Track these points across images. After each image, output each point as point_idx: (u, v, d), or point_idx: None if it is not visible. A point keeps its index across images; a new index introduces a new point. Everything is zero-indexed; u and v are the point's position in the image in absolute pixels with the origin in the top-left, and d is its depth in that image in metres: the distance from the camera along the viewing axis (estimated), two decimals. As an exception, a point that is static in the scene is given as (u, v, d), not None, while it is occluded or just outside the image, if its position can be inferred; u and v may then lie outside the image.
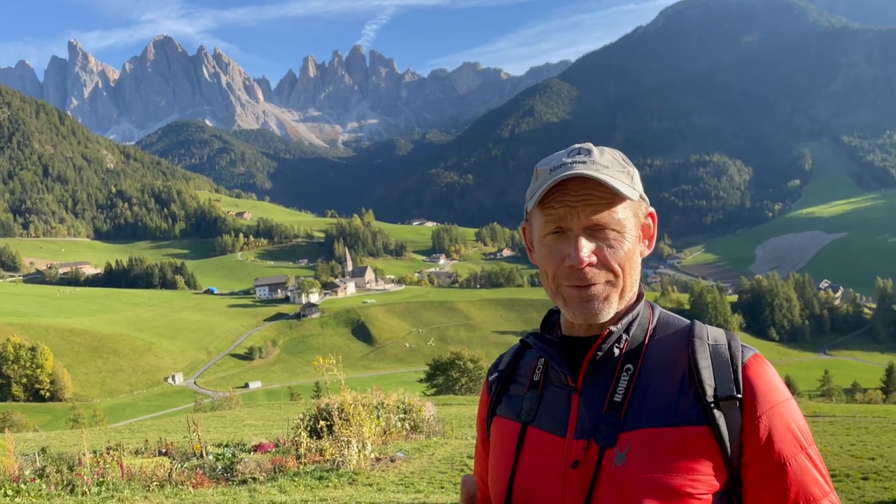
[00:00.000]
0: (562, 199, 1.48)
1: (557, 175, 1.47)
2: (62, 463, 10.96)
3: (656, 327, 1.59)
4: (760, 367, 1.49)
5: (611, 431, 1.46)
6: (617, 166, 1.53)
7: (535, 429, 1.59)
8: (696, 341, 1.52)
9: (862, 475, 9.62)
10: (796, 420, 1.45)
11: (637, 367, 1.52)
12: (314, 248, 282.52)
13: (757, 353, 1.52)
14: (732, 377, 1.46)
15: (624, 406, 1.48)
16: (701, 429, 1.42)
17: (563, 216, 1.49)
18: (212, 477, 10.51)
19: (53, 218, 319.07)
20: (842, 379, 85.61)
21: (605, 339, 1.52)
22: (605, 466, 1.44)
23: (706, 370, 1.47)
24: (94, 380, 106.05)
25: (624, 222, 1.50)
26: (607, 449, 1.45)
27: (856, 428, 16.29)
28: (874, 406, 34.67)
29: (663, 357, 1.53)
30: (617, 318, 1.55)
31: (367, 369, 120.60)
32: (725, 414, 1.43)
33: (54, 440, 21.86)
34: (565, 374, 1.57)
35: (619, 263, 1.50)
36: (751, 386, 1.45)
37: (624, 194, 1.46)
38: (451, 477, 10.01)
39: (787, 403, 1.46)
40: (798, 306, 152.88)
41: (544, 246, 1.54)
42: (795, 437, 1.44)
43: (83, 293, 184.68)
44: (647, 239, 1.61)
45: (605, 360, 1.54)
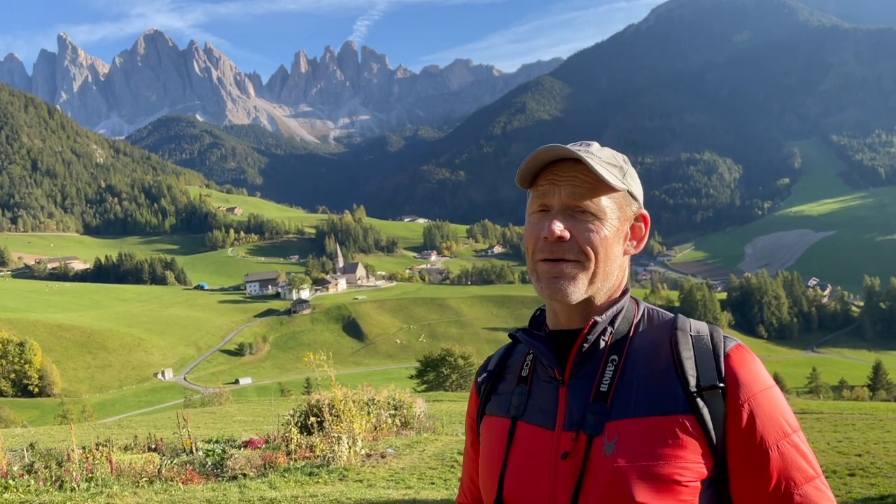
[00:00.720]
0: (549, 178, 1.53)
1: (547, 149, 1.52)
2: (51, 459, 10.90)
3: (641, 321, 1.62)
4: (742, 357, 1.50)
5: (598, 420, 1.48)
6: (612, 161, 1.57)
7: (524, 423, 1.60)
8: (679, 333, 1.55)
9: (849, 471, 9.69)
10: (779, 407, 1.47)
11: (622, 357, 1.54)
12: (305, 244, 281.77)
13: (739, 343, 1.54)
14: (715, 366, 1.48)
15: (610, 395, 1.50)
16: (686, 417, 1.44)
17: (547, 192, 1.54)
18: (201, 473, 10.48)
19: (42, 213, 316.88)
20: (829, 376, 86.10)
21: (591, 330, 1.54)
22: (594, 456, 1.46)
23: (689, 360, 1.49)
24: (82, 375, 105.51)
25: (605, 210, 1.52)
26: (595, 438, 1.47)
27: (843, 425, 16.42)
28: (861, 403, 34.92)
29: (648, 348, 1.55)
30: (601, 310, 1.58)
31: (357, 365, 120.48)
32: (709, 403, 1.45)
33: (43, 436, 21.74)
34: (552, 368, 1.59)
35: (591, 246, 1.51)
36: (733, 374, 1.47)
37: (609, 182, 1.49)
38: (441, 473, 10.02)
39: (769, 391, 1.48)
40: (787, 304, 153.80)
41: (530, 224, 1.58)
42: (778, 424, 1.45)
43: (72, 288, 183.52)
44: (636, 240, 1.63)
45: (590, 353, 1.56)
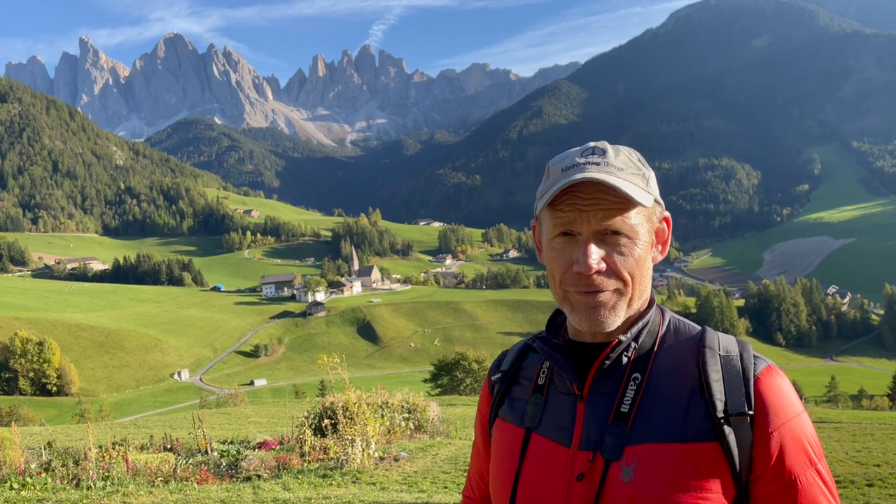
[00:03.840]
0: (572, 203, 1.42)
1: (569, 177, 1.41)
2: (68, 457, 11.00)
3: (666, 334, 1.55)
4: (773, 381, 1.44)
5: (616, 443, 1.42)
6: (632, 168, 1.47)
7: (539, 436, 1.55)
8: (707, 352, 1.47)
9: (867, 482, 9.57)
10: (807, 435, 1.42)
11: (645, 376, 1.48)
12: (321, 246, 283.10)
13: (770, 364, 1.47)
14: (744, 391, 1.41)
15: (631, 417, 1.44)
16: (710, 445, 1.38)
17: (573, 220, 1.43)
18: (216, 473, 10.54)
19: (62, 213, 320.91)
20: (848, 385, 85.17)
21: (614, 349, 1.48)
22: (611, 481, 1.40)
23: (717, 383, 1.42)
24: (100, 375, 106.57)
25: (636, 228, 1.45)
26: (613, 462, 1.41)
27: (862, 434, 16.20)
28: (880, 413, 34.42)
29: (673, 367, 1.48)
30: (626, 326, 1.51)
31: (371, 368, 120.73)
32: (736, 429, 1.39)
33: (60, 434, 21.95)
34: (571, 382, 1.52)
35: (628, 271, 1.44)
36: (763, 401, 1.41)
37: (637, 200, 1.40)
38: (454, 477, 10.00)
39: (798, 418, 1.42)
40: (805, 311, 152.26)
41: (553, 249, 1.49)
42: (806, 453, 1.40)
43: (91, 289, 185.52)
44: (661, 244, 1.56)
45: (612, 368, 1.50)
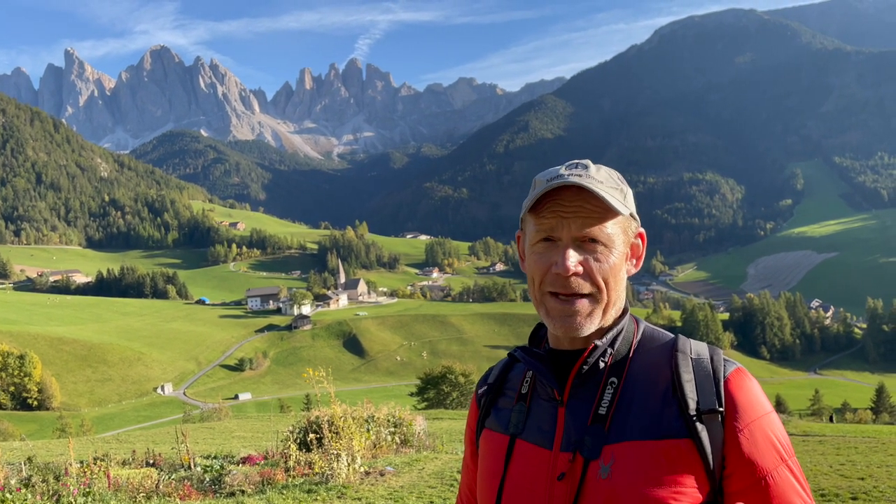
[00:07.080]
0: (554, 210, 1.53)
1: (553, 183, 1.52)
2: (48, 473, 10.85)
3: (641, 341, 1.63)
4: (742, 381, 1.52)
5: (595, 443, 1.49)
6: (612, 183, 1.57)
7: (522, 441, 1.62)
8: (680, 355, 1.56)
9: (851, 495, 9.62)
10: (776, 432, 1.49)
11: (621, 380, 1.56)
12: (307, 259, 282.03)
13: (739, 366, 1.55)
14: (715, 390, 1.50)
15: (608, 419, 1.51)
16: (684, 442, 1.46)
17: (554, 226, 1.53)
18: (199, 489, 10.43)
19: (45, 225, 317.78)
20: (832, 398, 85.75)
21: (591, 354, 1.56)
22: (590, 479, 1.47)
23: (689, 383, 1.50)
24: (82, 389, 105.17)
25: (613, 237, 1.54)
26: (592, 461, 1.48)
27: (845, 448, 16.30)
28: (864, 426, 34.67)
29: (647, 370, 1.57)
30: (602, 333, 1.59)
31: (358, 382, 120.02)
32: (708, 427, 1.46)
33: (41, 449, 21.65)
34: (552, 388, 1.60)
35: (603, 277, 1.53)
36: (733, 399, 1.49)
37: (616, 209, 1.51)
38: (440, 492, 9.95)
39: (768, 416, 1.50)
40: (789, 325, 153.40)
41: (534, 253, 1.58)
42: (777, 450, 1.48)
43: (74, 301, 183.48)
44: (635, 258, 1.65)
45: (590, 374, 1.58)
